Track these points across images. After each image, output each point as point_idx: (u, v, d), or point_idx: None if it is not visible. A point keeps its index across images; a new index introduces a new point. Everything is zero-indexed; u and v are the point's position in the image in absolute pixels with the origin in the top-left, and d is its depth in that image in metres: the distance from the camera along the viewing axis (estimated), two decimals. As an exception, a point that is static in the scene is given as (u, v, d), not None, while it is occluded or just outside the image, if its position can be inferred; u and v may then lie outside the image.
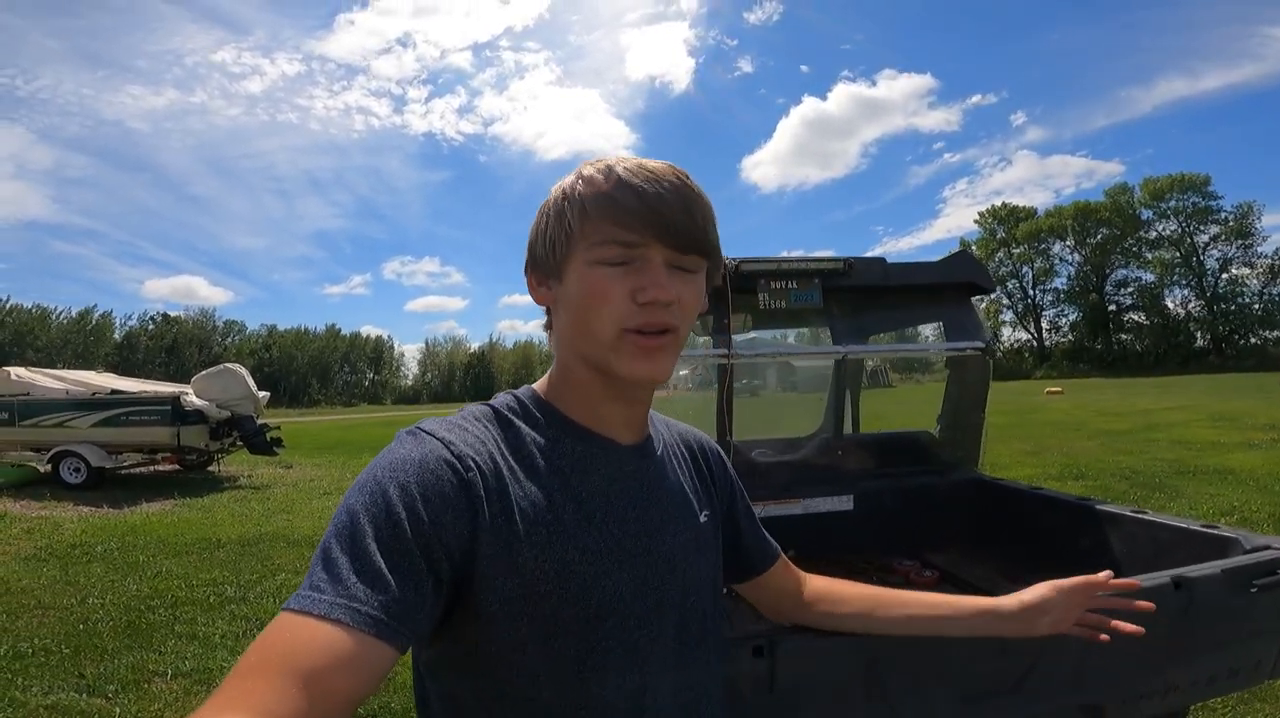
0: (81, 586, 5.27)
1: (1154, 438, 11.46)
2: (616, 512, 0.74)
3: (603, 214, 0.70)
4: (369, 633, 0.55)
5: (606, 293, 0.69)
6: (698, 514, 0.84)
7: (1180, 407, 17.09)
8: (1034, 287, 66.57)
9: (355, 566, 0.58)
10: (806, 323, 2.73)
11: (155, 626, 4.36)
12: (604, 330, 0.70)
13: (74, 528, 7.46)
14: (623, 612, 0.71)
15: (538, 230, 0.76)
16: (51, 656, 3.87)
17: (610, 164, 0.72)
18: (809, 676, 1.01)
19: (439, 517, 0.63)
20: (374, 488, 0.64)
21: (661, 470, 0.82)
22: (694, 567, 0.80)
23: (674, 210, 0.69)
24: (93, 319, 64.43)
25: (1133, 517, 1.82)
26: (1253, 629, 1.30)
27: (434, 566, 0.62)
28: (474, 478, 0.67)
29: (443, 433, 0.70)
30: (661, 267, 0.70)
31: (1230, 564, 1.28)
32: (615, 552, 0.72)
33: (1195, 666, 1.27)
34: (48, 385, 10.99)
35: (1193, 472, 8.13)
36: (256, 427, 11.17)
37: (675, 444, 0.89)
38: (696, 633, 0.79)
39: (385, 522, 0.61)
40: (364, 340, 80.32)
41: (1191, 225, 58.24)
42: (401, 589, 0.59)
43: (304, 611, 0.56)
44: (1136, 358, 56.72)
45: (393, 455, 0.67)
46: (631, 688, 0.72)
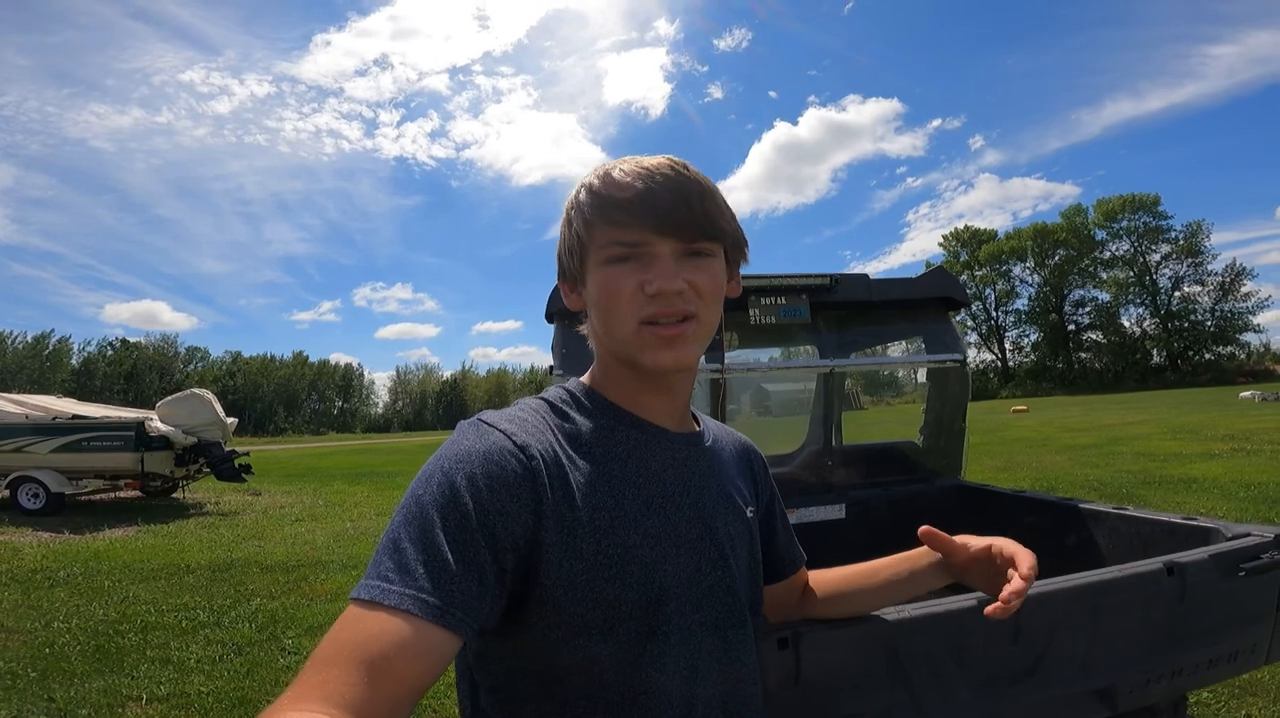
0: (45, 610, 5.12)
1: (1118, 451, 11.77)
2: (674, 497, 0.76)
3: (601, 218, 0.72)
4: (436, 623, 0.57)
5: (619, 290, 0.71)
6: (744, 508, 0.86)
7: (1142, 421, 17.56)
8: (997, 308, 68.12)
9: (423, 556, 0.60)
10: (795, 339, 2.80)
11: (125, 650, 4.24)
12: (623, 326, 0.72)
13: (34, 553, 7.24)
14: (681, 596, 0.73)
15: (560, 243, 0.79)
16: (18, 679, 3.77)
17: (607, 167, 0.75)
18: (833, 666, 1.04)
19: (505, 507, 0.64)
20: (441, 479, 0.65)
21: (712, 460, 0.83)
22: (741, 557, 0.82)
23: (668, 202, 0.71)
24: (49, 344, 62.70)
25: (1116, 513, 1.89)
26: (1245, 613, 1.36)
27: (499, 556, 0.63)
28: (537, 467, 0.68)
29: (504, 424, 0.71)
30: (669, 257, 0.71)
31: (1217, 550, 1.35)
32: (673, 536, 0.74)
33: (1196, 649, 1.32)
34: (6, 409, 10.69)
35: (1158, 481, 8.38)
36: (225, 453, 10.98)
37: (725, 442, 0.91)
38: (739, 620, 0.80)
39: (453, 512, 0.62)
40: (332, 368, 79.13)
41: (1143, 245, 60.15)
42: (466, 580, 0.60)
43: (373, 601, 0.57)
44: (1096, 376, 58.14)
45: (457, 447, 0.68)
46: (685, 672, 0.72)
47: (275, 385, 71.09)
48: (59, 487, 9.97)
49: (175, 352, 70.64)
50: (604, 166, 0.75)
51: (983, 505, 2.43)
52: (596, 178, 0.74)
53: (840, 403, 3.09)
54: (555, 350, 2.35)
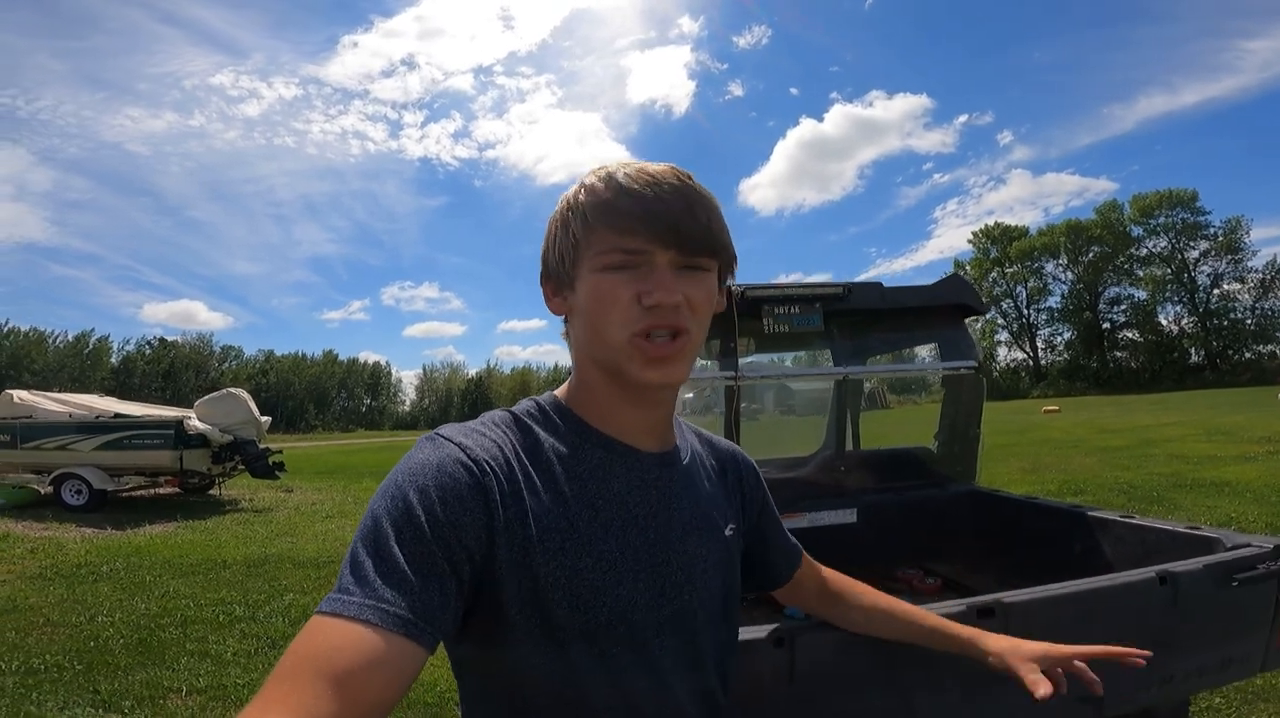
0: (89, 604, 5.31)
1: (1151, 453, 11.56)
2: (635, 521, 0.75)
3: (603, 222, 0.70)
4: (398, 633, 0.57)
5: (614, 299, 0.70)
6: (722, 528, 0.85)
7: (1177, 422, 17.20)
8: (1028, 306, 66.96)
9: (381, 568, 0.60)
10: (809, 346, 2.84)
11: (166, 643, 4.40)
12: (614, 336, 0.71)
13: (78, 549, 7.49)
14: (634, 621, 0.72)
15: (548, 242, 0.77)
16: (64, 672, 3.90)
17: (610, 170, 0.72)
18: (826, 665, 1.10)
19: (457, 518, 0.65)
20: (395, 492, 0.66)
21: (686, 481, 0.82)
22: (713, 580, 0.81)
23: (675, 213, 0.69)
24: (90, 343, 64.49)
25: (1121, 521, 1.92)
26: (1240, 623, 1.39)
27: (456, 566, 0.64)
28: (490, 482, 0.68)
29: (459, 438, 0.71)
30: (668, 269, 0.70)
31: (1212, 560, 1.38)
32: (630, 561, 0.73)
33: (1188, 657, 1.36)
34: (50, 408, 11.04)
35: (1189, 485, 8.23)
36: (259, 451, 11.20)
37: (704, 456, 0.89)
38: (709, 645, 0.80)
39: (406, 524, 0.63)
40: (361, 366, 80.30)
41: (1181, 241, 58.74)
42: (426, 589, 0.60)
43: (335, 613, 0.57)
44: (1132, 375, 56.91)
45: (411, 461, 0.69)
46: (643, 697, 0.72)
47: (306, 383, 72.37)
48: (101, 483, 10.26)
49: (211, 350, 72.23)
50: (606, 169, 0.73)
51: (994, 511, 2.46)
52: (599, 180, 0.72)
53: (856, 408, 3.13)
54: None
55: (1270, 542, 1.47)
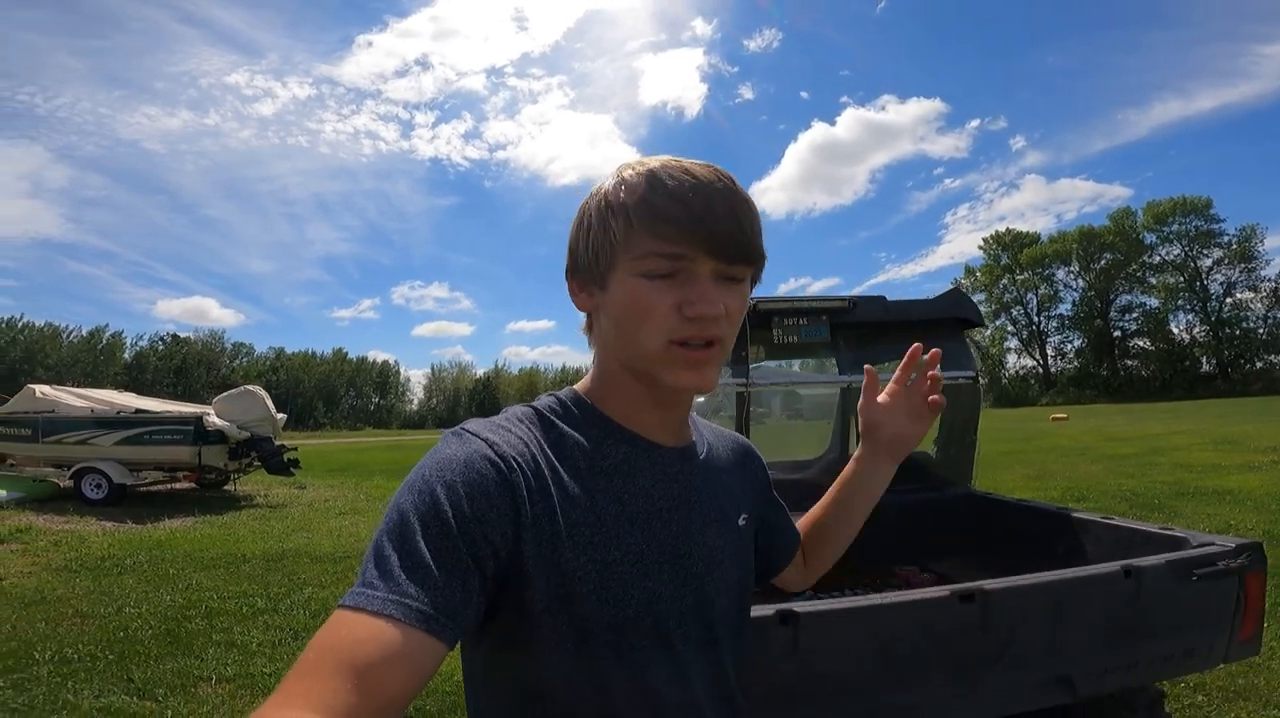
0: (116, 596, 5.45)
1: (1156, 462, 11.63)
2: (660, 513, 0.75)
3: (647, 226, 0.68)
4: (419, 628, 0.57)
5: (653, 306, 0.69)
6: (737, 518, 0.86)
7: (1185, 431, 17.23)
8: (1038, 313, 66.87)
9: (405, 563, 0.60)
10: (816, 355, 2.99)
11: (193, 634, 4.55)
12: (650, 343, 0.70)
13: (100, 542, 7.68)
14: (660, 613, 0.72)
15: (579, 236, 0.75)
16: (97, 661, 4.03)
17: (653, 169, 0.70)
18: (826, 640, 1.25)
19: (484, 514, 0.64)
20: (422, 487, 0.65)
21: (705, 474, 0.83)
22: (730, 570, 0.82)
23: (720, 221, 0.68)
24: (103, 339, 65.18)
25: (1101, 522, 2.07)
26: (1202, 616, 1.53)
27: (480, 562, 0.63)
28: (517, 478, 0.67)
29: (486, 433, 0.71)
30: (709, 278, 0.69)
31: (1175, 557, 1.52)
32: (656, 554, 0.73)
33: (1152, 645, 1.50)
34: (72, 403, 11.25)
35: (1192, 493, 8.33)
36: (275, 448, 11.39)
37: (720, 448, 0.90)
38: (725, 635, 0.80)
39: (433, 519, 0.62)
40: (370, 365, 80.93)
41: (1194, 249, 58.61)
42: (449, 585, 0.60)
43: (358, 607, 0.57)
44: (1143, 383, 56.74)
45: (439, 456, 0.68)
46: (669, 689, 0.73)
47: (316, 381, 72.90)
48: (121, 478, 10.47)
49: (222, 347, 72.95)
50: (649, 166, 0.70)
51: (987, 512, 2.60)
52: (642, 179, 0.69)
53: (859, 414, 3.27)
54: None
55: (1232, 542, 1.61)
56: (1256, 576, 1.55)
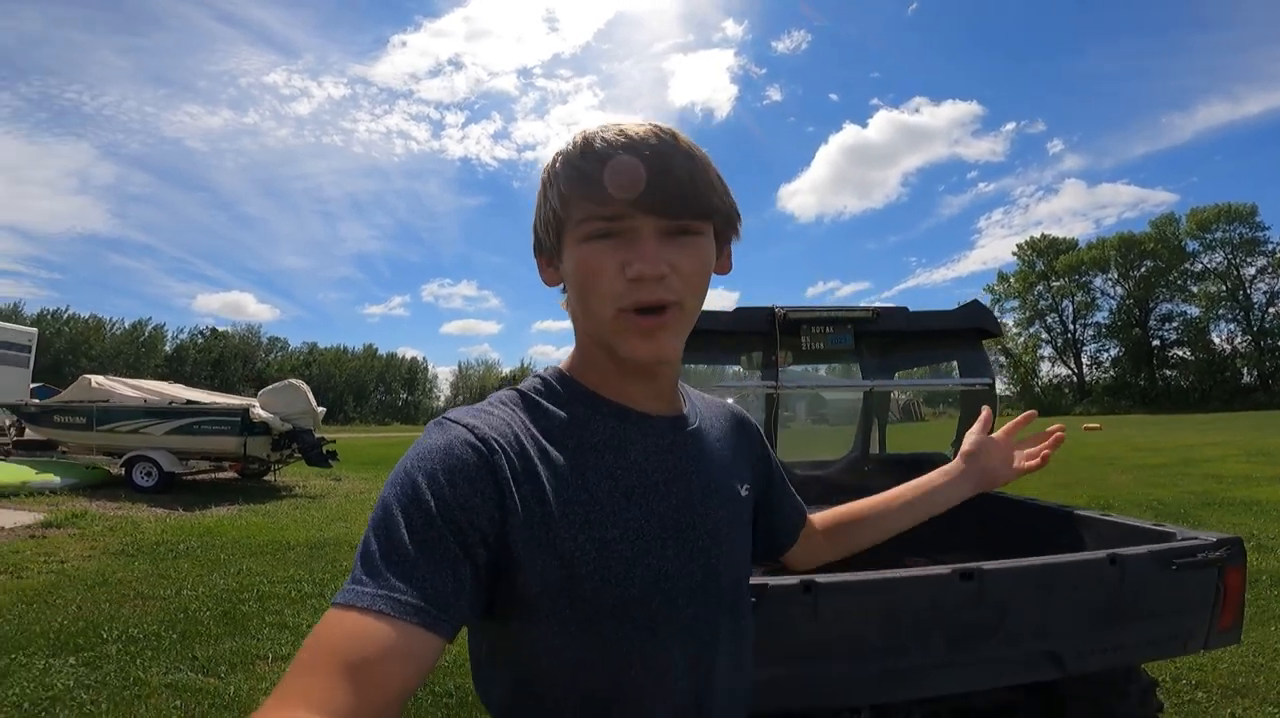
0: (174, 579, 5.71)
1: (1187, 472, 11.56)
2: (657, 487, 0.73)
3: (579, 190, 0.67)
4: (412, 622, 0.56)
5: (598, 270, 0.68)
6: (738, 488, 0.84)
7: (1219, 442, 16.98)
8: (1074, 321, 65.66)
9: (392, 557, 0.59)
10: (841, 362, 3.18)
11: (248, 616, 4.78)
12: (602, 310, 0.69)
13: (153, 528, 8.03)
14: (669, 590, 0.71)
15: (535, 214, 0.75)
16: (162, 640, 4.25)
17: (587, 134, 0.69)
18: (842, 609, 1.45)
19: (467, 500, 0.63)
20: (403, 479, 0.64)
21: (700, 443, 0.80)
22: (735, 540, 0.81)
23: (652, 174, 0.65)
24: (145, 331, 66.94)
25: (1101, 519, 2.24)
26: (1183, 603, 1.71)
27: (469, 550, 0.62)
28: (499, 460, 0.66)
29: (467, 419, 0.69)
30: (652, 237, 0.67)
31: (1157, 548, 1.69)
32: (657, 528, 0.71)
33: (1135, 629, 1.67)
34: (126, 393, 11.71)
35: (1219, 503, 8.33)
36: (315, 440, 11.73)
37: (713, 418, 0.87)
38: (738, 609, 0.80)
39: (416, 510, 0.62)
40: (399, 361, 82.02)
41: (1238, 257, 57.15)
42: (439, 576, 0.59)
43: (349, 604, 0.57)
44: (1181, 394, 55.47)
45: (420, 447, 0.67)
46: (681, 667, 0.71)
47: (346, 376, 74.05)
48: (170, 466, 10.87)
49: (258, 341, 74.49)
50: (584, 133, 0.69)
51: (997, 509, 2.77)
52: (574, 146, 0.69)
53: (884, 417, 3.46)
54: None
55: (1214, 536, 1.78)
56: (1236, 569, 1.72)
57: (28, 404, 12.88)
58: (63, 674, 3.67)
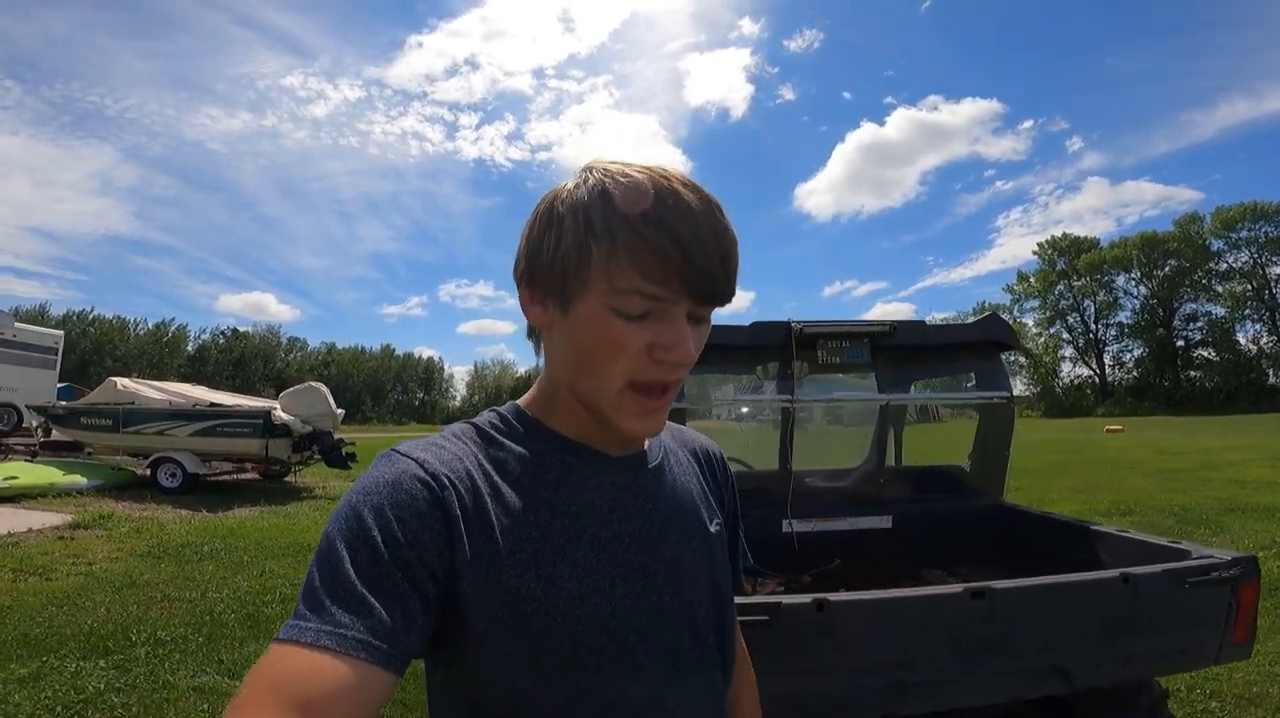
0: (199, 581, 5.74)
1: (1210, 477, 11.41)
2: (610, 525, 0.72)
3: (635, 261, 0.62)
4: (358, 658, 0.55)
5: (622, 346, 0.65)
6: (707, 523, 0.82)
7: (1243, 446, 16.74)
8: (1096, 321, 64.88)
9: (337, 592, 0.58)
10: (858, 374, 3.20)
11: (272, 619, 4.79)
12: (610, 382, 0.67)
13: (178, 529, 8.11)
14: (617, 628, 0.69)
15: (543, 243, 0.68)
16: (189, 643, 4.27)
17: (640, 186, 0.63)
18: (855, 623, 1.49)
19: (416, 536, 0.61)
20: (349, 513, 0.62)
21: (661, 479, 0.78)
22: (701, 578, 0.78)
23: (712, 264, 0.63)
24: (169, 332, 67.88)
25: (1117, 535, 2.26)
26: (1194, 620, 1.72)
27: (419, 586, 0.61)
28: (449, 496, 0.64)
29: (417, 453, 0.68)
30: (684, 320, 0.65)
31: (1171, 566, 1.71)
32: (608, 566, 0.70)
33: (1146, 643, 1.69)
34: (151, 396, 11.90)
35: (1242, 509, 8.22)
36: (334, 442, 11.84)
37: (678, 451, 0.85)
38: (703, 646, 0.76)
39: (361, 545, 0.60)
40: (416, 361, 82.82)
41: (1264, 256, 56.24)
42: (387, 612, 0.58)
43: (291, 640, 0.55)
44: (1206, 396, 54.60)
45: (366, 479, 0.65)
46: (635, 705, 0.69)
47: (364, 376, 74.74)
48: (194, 468, 11.04)
49: (278, 341, 75.32)
50: (634, 184, 0.63)
51: (1014, 524, 2.79)
52: (630, 204, 0.62)
53: (900, 429, 3.48)
54: None
55: (1229, 554, 1.79)
56: (1249, 585, 1.73)
57: (55, 406, 13.10)
58: (94, 677, 3.72)
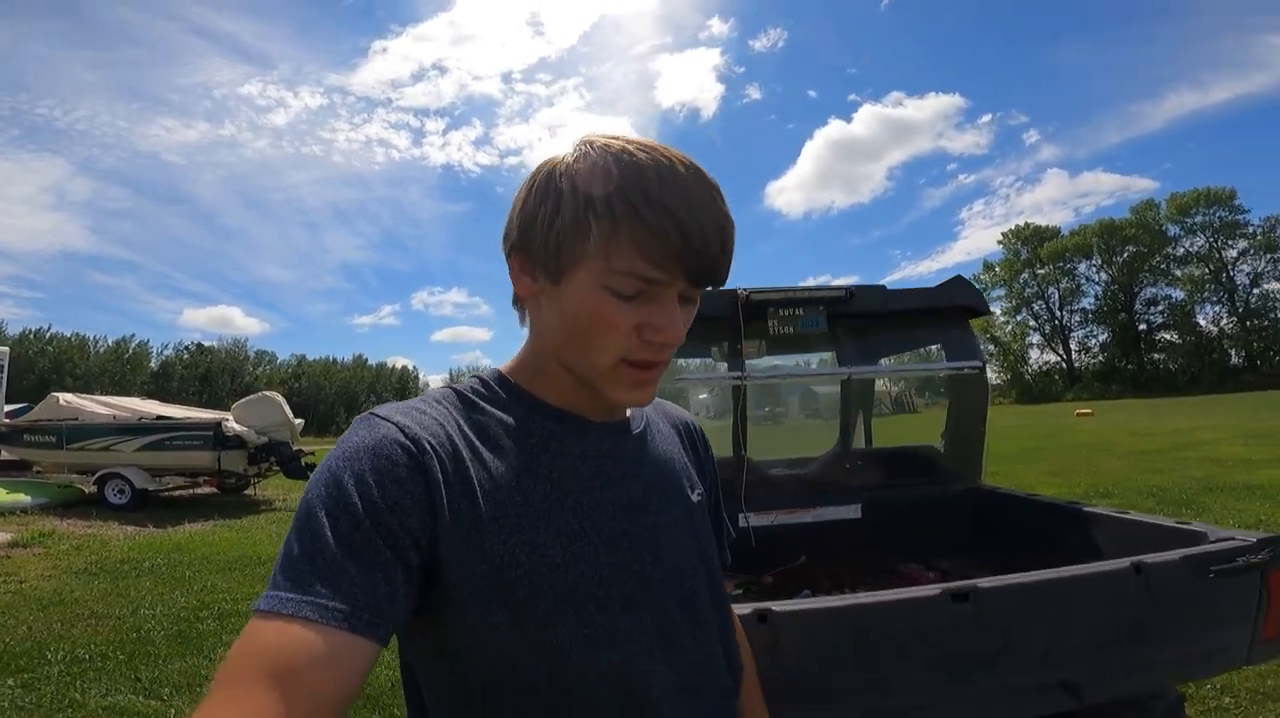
0: (132, 598, 5.48)
1: (1184, 457, 11.36)
2: (592, 492, 0.71)
3: (636, 243, 0.61)
4: (339, 627, 0.54)
5: (613, 325, 0.65)
6: (689, 492, 0.81)
7: (1213, 425, 16.82)
8: (1061, 307, 65.90)
9: (317, 561, 0.57)
10: (815, 348, 2.90)
11: (205, 635, 4.57)
12: (602, 359, 0.67)
13: (121, 545, 7.76)
14: (601, 595, 0.67)
15: (540, 214, 0.66)
16: (108, 661, 4.06)
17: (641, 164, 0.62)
18: (806, 640, 1.18)
19: (397, 502, 0.60)
20: (328, 478, 0.61)
21: (643, 447, 0.78)
22: (685, 546, 0.77)
23: (712, 248, 0.63)
24: (130, 348, 66.15)
25: (1115, 517, 1.97)
26: (1220, 614, 1.44)
27: (400, 553, 0.60)
28: (430, 461, 0.63)
29: (396, 417, 0.66)
30: (675, 301, 0.66)
31: (1190, 552, 1.42)
32: (591, 533, 0.69)
33: (1165, 648, 1.40)
34: (95, 410, 11.43)
35: (1222, 488, 8.11)
36: (292, 452, 11.48)
37: (659, 421, 0.85)
38: (692, 615, 0.75)
39: (341, 512, 0.59)
40: (390, 371, 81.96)
41: (1219, 240, 57.54)
42: (367, 580, 0.57)
43: (272, 611, 0.54)
44: (1170, 378, 55.71)
45: (345, 445, 0.64)
46: (619, 673, 0.68)
47: (336, 387, 73.58)
48: (143, 483, 10.61)
49: (245, 355, 73.78)
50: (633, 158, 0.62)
51: (996, 508, 2.51)
52: (632, 182, 0.61)
53: (867, 408, 3.19)
54: None
55: (1254, 536, 1.51)
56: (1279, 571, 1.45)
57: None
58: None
